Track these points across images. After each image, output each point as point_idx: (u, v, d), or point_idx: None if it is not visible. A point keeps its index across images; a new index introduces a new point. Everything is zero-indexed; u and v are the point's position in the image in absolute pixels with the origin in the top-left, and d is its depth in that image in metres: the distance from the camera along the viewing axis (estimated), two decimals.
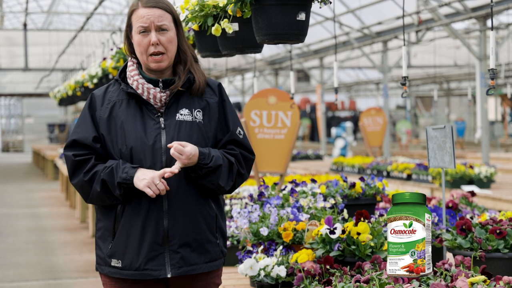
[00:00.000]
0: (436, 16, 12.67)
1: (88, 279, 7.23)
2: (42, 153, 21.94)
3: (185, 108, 2.61)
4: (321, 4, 3.02)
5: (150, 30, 2.58)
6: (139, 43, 2.59)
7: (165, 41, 2.58)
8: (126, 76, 2.67)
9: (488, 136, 12.23)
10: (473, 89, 22.09)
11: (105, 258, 2.61)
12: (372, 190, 3.91)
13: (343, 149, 17.54)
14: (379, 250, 2.96)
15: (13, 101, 41.52)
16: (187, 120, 2.60)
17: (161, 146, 2.56)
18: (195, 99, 2.64)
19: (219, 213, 2.67)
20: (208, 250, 2.61)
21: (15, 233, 10.48)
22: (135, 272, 2.56)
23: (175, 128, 2.58)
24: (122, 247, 2.57)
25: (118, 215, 2.58)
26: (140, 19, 2.58)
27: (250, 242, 3.48)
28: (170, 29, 2.60)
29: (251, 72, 23.38)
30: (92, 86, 9.50)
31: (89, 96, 2.68)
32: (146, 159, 2.55)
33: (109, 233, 2.60)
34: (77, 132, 2.62)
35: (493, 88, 3.08)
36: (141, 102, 2.61)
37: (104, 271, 2.62)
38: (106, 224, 2.61)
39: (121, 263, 2.57)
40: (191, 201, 2.58)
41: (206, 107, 2.65)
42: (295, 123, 5.39)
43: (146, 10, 2.58)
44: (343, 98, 35.38)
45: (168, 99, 2.61)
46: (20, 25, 22.14)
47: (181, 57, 2.66)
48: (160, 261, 2.55)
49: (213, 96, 2.68)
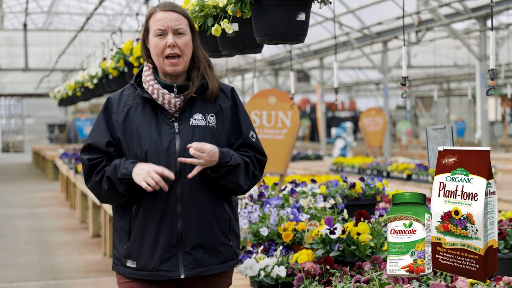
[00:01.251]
0: (436, 16, 12.67)
1: (88, 279, 7.23)
2: (42, 153, 21.95)
3: (199, 113, 2.67)
4: (321, 4, 3.02)
5: (167, 33, 2.64)
6: (156, 46, 2.65)
7: (182, 44, 2.65)
8: (141, 80, 2.73)
9: (488, 136, 12.23)
10: (473, 90, 22.09)
11: (121, 258, 2.68)
12: (372, 191, 3.91)
13: (343, 149, 17.54)
14: (379, 250, 2.96)
15: (13, 101, 41.53)
16: (201, 124, 2.66)
17: (175, 151, 2.62)
18: (209, 104, 2.70)
19: (232, 215, 2.73)
20: (220, 252, 2.67)
21: (15, 233, 10.48)
22: (150, 273, 2.62)
23: (189, 132, 2.64)
24: (137, 248, 2.63)
25: (133, 216, 2.64)
26: (158, 22, 2.65)
27: (250, 242, 3.48)
28: (186, 33, 2.67)
29: (251, 72, 23.38)
30: (92, 87, 9.51)
31: (106, 100, 2.75)
32: (161, 163, 2.60)
33: (125, 234, 2.66)
34: (92, 137, 2.70)
35: (493, 88, 3.08)
36: (156, 107, 2.67)
37: (120, 271, 2.69)
38: (122, 225, 2.68)
39: (136, 264, 2.64)
40: (204, 204, 2.63)
41: (219, 112, 2.71)
42: (295, 123, 5.39)
43: (164, 13, 2.66)
44: (343, 98, 35.39)
45: (182, 104, 2.67)
46: (20, 25, 22.14)
47: (195, 63, 2.72)
48: (174, 262, 2.61)
49: (226, 100, 2.74)
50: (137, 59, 5.97)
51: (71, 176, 12.26)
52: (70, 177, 12.45)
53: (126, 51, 6.31)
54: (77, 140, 28.75)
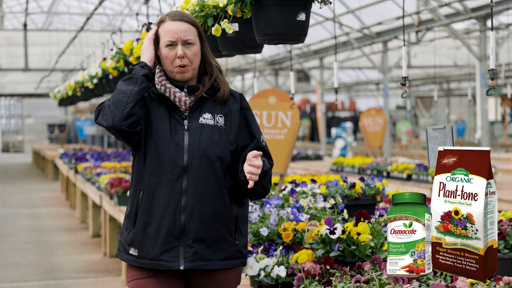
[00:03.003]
0: (436, 16, 12.67)
1: (88, 279, 7.23)
2: (42, 153, 21.95)
3: (208, 113, 2.77)
4: (321, 4, 3.02)
5: (176, 44, 2.75)
6: (166, 56, 2.77)
7: (191, 54, 2.75)
8: (154, 83, 2.83)
9: (488, 136, 12.23)
10: (473, 90, 22.10)
11: (125, 245, 2.77)
12: (372, 191, 3.90)
13: (343, 149, 17.54)
14: (379, 250, 2.96)
15: (13, 101, 41.53)
16: (209, 123, 2.76)
17: (183, 146, 2.71)
18: (218, 105, 2.80)
19: (240, 215, 2.79)
20: (223, 248, 2.72)
21: (15, 233, 10.48)
22: (150, 262, 2.69)
23: (197, 130, 2.73)
24: (140, 236, 2.71)
25: (139, 202, 2.72)
26: (168, 33, 2.76)
27: (250, 242, 3.48)
28: (195, 43, 2.77)
29: (251, 72, 23.39)
30: (92, 87, 9.50)
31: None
32: (168, 157, 2.70)
33: (131, 222, 2.75)
34: None
35: (493, 88, 3.08)
36: (168, 104, 2.77)
37: (123, 257, 2.78)
38: (130, 212, 2.77)
39: (138, 252, 2.72)
40: (209, 200, 2.70)
41: (228, 113, 2.80)
42: (295, 123, 5.39)
43: (173, 23, 2.77)
44: (343, 98, 35.39)
45: (193, 104, 2.77)
46: (20, 25, 22.14)
47: (207, 69, 2.82)
48: (175, 253, 2.68)
49: (235, 104, 2.83)
50: (137, 59, 5.97)
51: (71, 176, 12.26)
52: (70, 177, 12.45)
53: (126, 51, 6.30)
54: (77, 140, 28.73)
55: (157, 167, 2.70)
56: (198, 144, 2.70)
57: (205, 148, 2.70)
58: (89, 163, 10.99)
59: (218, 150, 2.72)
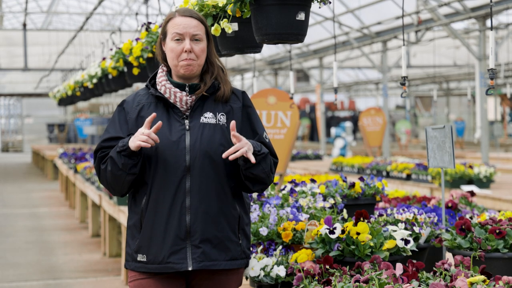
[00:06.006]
0: (435, 16, 12.67)
1: (88, 279, 7.23)
2: (42, 153, 21.95)
3: (209, 112, 2.76)
4: (321, 4, 3.02)
5: (184, 38, 2.73)
6: (172, 49, 2.74)
7: (198, 50, 2.73)
8: (155, 82, 2.82)
9: (488, 136, 12.23)
10: (473, 89, 22.10)
11: (132, 254, 2.75)
12: (372, 190, 3.90)
13: (342, 149, 17.54)
14: (379, 250, 2.96)
15: (13, 101, 41.53)
16: (211, 122, 2.74)
17: (185, 146, 2.70)
18: (220, 104, 2.79)
19: (243, 215, 2.79)
20: (229, 248, 2.72)
21: (15, 233, 10.48)
22: (159, 266, 2.69)
23: (199, 129, 2.72)
24: (147, 241, 2.70)
25: (143, 210, 2.71)
26: (176, 26, 2.74)
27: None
28: (203, 40, 2.76)
29: (251, 72, 23.39)
30: (91, 86, 9.51)
31: (121, 101, 2.85)
32: (171, 158, 2.68)
33: (137, 230, 2.74)
34: (107, 132, 2.79)
35: (492, 88, 3.08)
36: (168, 105, 2.76)
37: (131, 266, 2.76)
38: (134, 221, 2.75)
39: (146, 257, 2.70)
40: (213, 199, 2.69)
41: (230, 112, 2.79)
42: (295, 123, 5.39)
43: (183, 19, 2.75)
44: (342, 98, 35.38)
45: (194, 103, 2.75)
46: (20, 25, 22.14)
47: (209, 68, 2.80)
48: (182, 255, 2.67)
49: (237, 102, 2.83)
50: (137, 59, 5.97)
51: (70, 176, 12.26)
52: (70, 177, 12.45)
53: (125, 51, 6.30)
54: (76, 140, 28.75)
55: (159, 170, 2.69)
56: (200, 144, 2.69)
57: (207, 148, 2.69)
58: (88, 162, 10.98)
59: (220, 149, 2.70)
